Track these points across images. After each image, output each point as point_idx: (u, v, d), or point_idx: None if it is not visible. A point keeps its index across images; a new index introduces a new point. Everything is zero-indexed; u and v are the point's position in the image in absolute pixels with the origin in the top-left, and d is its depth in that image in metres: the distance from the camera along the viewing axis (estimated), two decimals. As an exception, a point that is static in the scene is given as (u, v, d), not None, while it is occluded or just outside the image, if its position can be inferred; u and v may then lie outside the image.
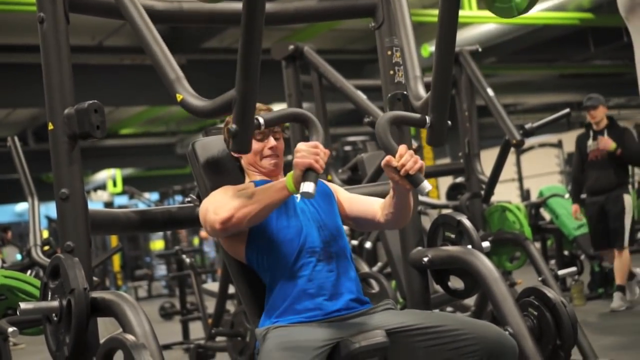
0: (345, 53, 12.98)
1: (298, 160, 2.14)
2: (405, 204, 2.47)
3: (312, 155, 2.14)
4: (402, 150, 2.29)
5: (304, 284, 2.38)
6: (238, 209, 2.25)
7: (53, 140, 2.43)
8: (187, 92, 2.33)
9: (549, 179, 13.18)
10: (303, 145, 2.16)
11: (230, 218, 2.25)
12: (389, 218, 2.52)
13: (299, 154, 2.15)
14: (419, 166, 2.28)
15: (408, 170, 2.27)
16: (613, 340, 5.07)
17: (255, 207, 2.25)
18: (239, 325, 5.07)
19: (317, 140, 2.20)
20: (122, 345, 2.01)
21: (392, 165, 2.29)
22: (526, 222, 4.82)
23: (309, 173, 2.13)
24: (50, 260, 2.38)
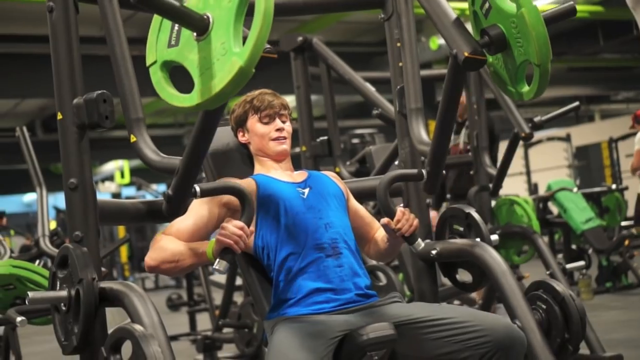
0: (353, 45, 12.96)
1: (219, 238, 2.22)
2: (396, 250, 2.73)
3: (234, 236, 2.20)
4: (399, 215, 2.52)
5: (312, 279, 2.38)
6: (163, 262, 2.36)
7: (62, 130, 2.42)
8: (143, 138, 2.37)
9: (557, 172, 13.17)
10: (229, 225, 2.21)
11: (156, 267, 2.38)
12: (376, 254, 2.76)
13: (224, 231, 2.21)
14: (413, 229, 2.55)
15: (404, 233, 2.54)
16: (621, 334, 5.06)
17: (178, 265, 2.35)
18: (246, 317, 5.07)
19: (246, 221, 2.24)
20: (131, 335, 2.01)
21: (390, 227, 2.53)
22: (534, 215, 4.80)
23: (227, 252, 2.22)
24: (59, 250, 2.38)
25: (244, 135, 2.64)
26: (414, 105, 2.88)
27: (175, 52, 1.98)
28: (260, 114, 2.59)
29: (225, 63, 1.82)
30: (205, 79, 1.86)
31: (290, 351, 2.16)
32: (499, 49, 2.32)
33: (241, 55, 1.78)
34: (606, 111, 20.25)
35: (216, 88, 1.83)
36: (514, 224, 4.79)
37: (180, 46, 1.97)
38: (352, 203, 2.69)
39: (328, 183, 2.62)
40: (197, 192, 2.25)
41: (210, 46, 1.87)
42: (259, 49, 1.78)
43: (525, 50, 2.26)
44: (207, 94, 1.86)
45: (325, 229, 2.45)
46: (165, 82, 2.01)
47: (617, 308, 6.41)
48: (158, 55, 2.02)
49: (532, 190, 12.41)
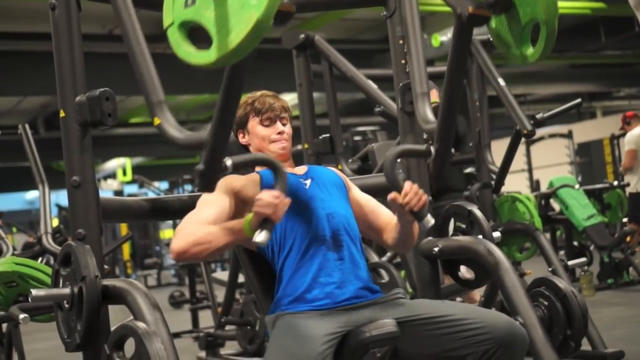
0: (355, 43, 12.96)
1: (257, 210, 2.18)
2: (410, 233, 2.54)
3: (272, 206, 2.17)
4: (407, 188, 2.37)
5: (314, 273, 2.38)
6: (193, 244, 2.24)
7: (64, 127, 2.43)
8: (166, 119, 2.35)
9: (558, 169, 13.15)
10: (265, 194, 2.19)
11: (185, 252, 2.25)
12: (395, 242, 2.59)
13: (260, 202, 2.18)
14: (422, 203, 2.37)
15: (412, 208, 2.37)
16: (622, 331, 5.06)
17: (211, 245, 2.25)
18: (248, 314, 5.07)
19: (281, 190, 2.23)
20: (134, 332, 2.02)
21: (397, 202, 2.38)
22: (536, 212, 4.80)
23: (266, 223, 2.19)
24: (62, 247, 2.39)
25: (244, 137, 2.64)
26: (420, 90, 2.85)
27: (192, 11, 1.96)
28: (262, 117, 2.59)
29: (242, 16, 1.80)
30: (222, 35, 1.84)
31: (292, 348, 2.16)
32: (504, 8, 2.32)
33: (258, 6, 1.77)
34: (608, 108, 20.24)
35: (234, 42, 1.80)
36: (516, 221, 4.79)
37: (197, 4, 1.95)
38: (354, 194, 2.66)
39: (328, 173, 2.62)
40: (228, 165, 2.23)
41: (227, 1, 1.86)
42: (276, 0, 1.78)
43: (531, 10, 2.25)
44: (225, 49, 1.83)
45: (328, 219, 2.45)
46: (182, 41, 1.98)
47: (618, 304, 6.41)
48: (175, 16, 2.00)
49: (534, 187, 12.41)
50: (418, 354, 2.34)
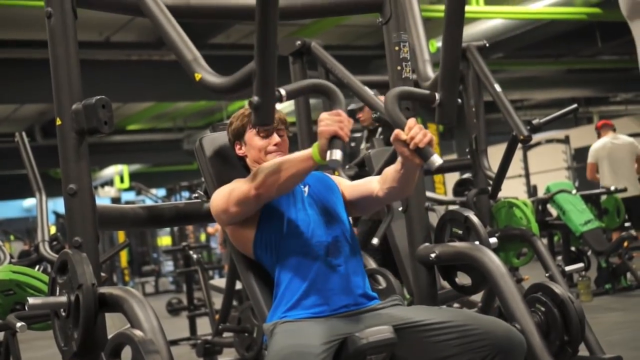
0: (351, 49, 12.97)
1: (323, 129, 2.14)
2: (412, 178, 2.44)
3: (337, 122, 2.14)
4: (411, 123, 2.26)
5: (312, 279, 2.38)
6: (269, 175, 2.27)
7: (61, 135, 2.43)
8: (206, 71, 2.34)
9: (555, 175, 13.17)
10: (326, 114, 2.16)
11: (264, 183, 2.28)
12: (391, 191, 2.48)
13: (323, 122, 2.14)
14: (428, 139, 2.23)
15: (417, 143, 2.23)
16: (620, 336, 5.06)
17: (283, 174, 2.26)
18: (246, 321, 5.07)
19: (340, 109, 2.20)
20: (130, 340, 2.01)
21: (401, 139, 2.26)
22: (533, 218, 4.80)
23: (335, 141, 2.13)
24: (59, 255, 2.39)
25: (241, 148, 2.65)
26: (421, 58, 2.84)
27: None
28: (258, 128, 2.60)
29: None
30: None
31: (290, 356, 2.15)
32: None
33: None
34: (605, 113, 20.25)
35: None
36: (513, 227, 4.79)
37: None
38: (345, 185, 2.66)
39: (323, 179, 2.63)
40: (282, 94, 2.21)
41: None
42: None
43: None
44: None
45: (326, 226, 2.45)
46: None
47: (616, 310, 6.41)
48: None
49: (531, 193, 12.42)
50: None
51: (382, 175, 2.51)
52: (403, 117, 2.33)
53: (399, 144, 2.27)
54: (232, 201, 2.39)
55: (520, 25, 10.68)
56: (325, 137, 2.14)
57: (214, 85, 2.32)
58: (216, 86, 2.32)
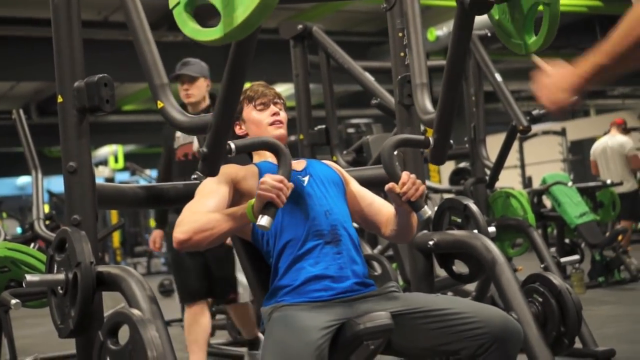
0: (350, 35, 12.93)
1: (260, 193, 2.20)
2: (408, 223, 2.53)
3: (275, 190, 2.19)
4: (405, 178, 2.39)
5: (310, 267, 2.38)
6: (196, 232, 2.27)
7: (62, 113, 2.42)
8: (169, 102, 2.34)
9: (551, 166, 13.18)
10: (269, 178, 2.20)
11: (188, 240, 2.28)
12: (394, 234, 2.59)
13: (264, 186, 2.19)
14: (419, 193, 2.39)
15: (409, 197, 2.38)
16: (613, 329, 5.08)
17: (213, 232, 2.28)
18: (239, 304, 5.06)
19: (284, 174, 2.24)
20: (128, 319, 2.01)
21: (394, 192, 2.39)
22: (530, 208, 4.81)
23: (269, 207, 2.19)
24: (57, 233, 2.38)
25: (241, 128, 2.64)
26: (419, 81, 2.85)
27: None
28: (255, 102, 2.61)
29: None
30: (229, 11, 1.82)
31: (288, 340, 2.15)
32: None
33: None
34: (601, 106, 20.29)
35: (240, 18, 1.78)
36: (510, 217, 4.80)
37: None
38: (352, 187, 2.66)
39: (327, 171, 2.62)
40: (232, 148, 2.23)
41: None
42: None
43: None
44: (231, 24, 1.81)
45: (326, 216, 2.45)
46: (188, 19, 1.96)
47: (609, 303, 6.43)
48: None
49: (526, 184, 12.43)
50: (412, 347, 2.34)
51: (391, 213, 2.58)
52: (399, 170, 2.43)
53: (392, 195, 2.41)
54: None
55: (521, 16, 10.65)
56: (261, 202, 2.20)
57: (173, 119, 2.35)
58: (174, 121, 2.35)
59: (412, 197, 2.38)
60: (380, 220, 2.63)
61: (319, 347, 2.13)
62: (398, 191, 2.38)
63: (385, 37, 3.10)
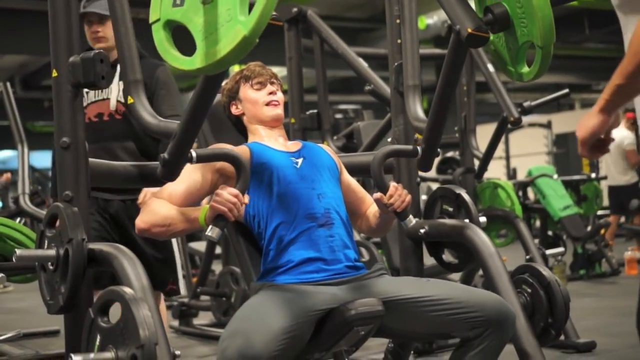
0: (340, 20, 12.90)
1: (213, 205, 2.21)
2: (388, 225, 2.67)
3: (228, 203, 2.20)
4: (392, 191, 2.48)
5: (303, 249, 2.37)
6: (154, 225, 2.36)
7: (56, 87, 2.39)
8: (140, 100, 2.34)
9: (535, 159, 13.24)
10: (224, 191, 2.21)
11: (147, 230, 2.38)
12: (367, 229, 2.71)
13: (217, 198, 2.21)
14: (406, 204, 2.50)
15: (396, 209, 2.49)
16: (593, 322, 5.11)
17: (169, 229, 2.35)
18: (224, 286, 5.07)
19: (241, 189, 2.24)
20: (120, 297, 1.99)
21: (382, 202, 2.49)
22: (517, 200, 4.83)
23: (220, 219, 2.22)
24: (49, 208, 2.36)
25: (237, 107, 2.64)
26: (412, 82, 2.88)
27: (180, 12, 1.96)
28: (252, 82, 2.62)
29: (229, 30, 1.80)
30: (208, 44, 1.84)
31: (265, 309, 2.15)
32: (502, 27, 2.32)
33: (246, 24, 1.76)
34: (587, 100, 20.37)
35: (219, 54, 1.81)
36: (496, 207, 4.82)
37: (186, 7, 1.94)
38: (345, 177, 2.68)
39: (322, 154, 2.61)
40: (193, 157, 2.23)
41: (216, 11, 1.85)
42: (265, 20, 1.76)
43: (528, 31, 2.26)
44: (209, 59, 1.84)
45: (318, 199, 2.45)
46: (167, 42, 1.99)
47: (590, 295, 6.47)
48: (162, 14, 1.99)
49: (511, 175, 12.48)
50: (405, 330, 2.35)
51: (372, 209, 2.67)
52: (386, 182, 2.51)
53: (380, 204, 2.51)
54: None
55: (511, 7, 10.66)
56: (213, 213, 2.23)
57: (141, 118, 2.37)
58: (142, 120, 2.39)
59: (398, 208, 2.49)
60: (360, 213, 2.72)
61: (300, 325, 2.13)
62: (385, 202, 2.48)
63: (375, 23, 3.10)
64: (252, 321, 2.11)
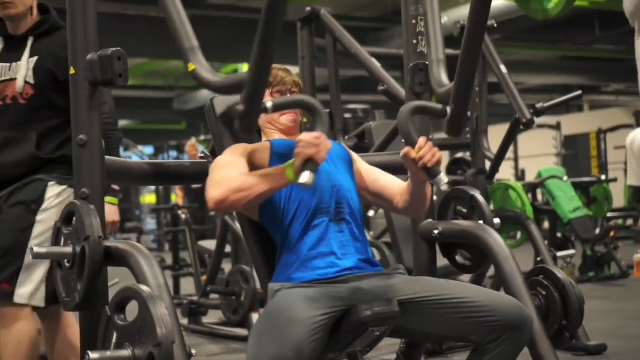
0: (349, 19, 12.88)
1: (299, 151, 2.16)
2: (423, 194, 2.47)
3: (314, 147, 2.16)
4: (422, 143, 2.31)
5: (316, 243, 2.37)
6: (234, 191, 2.24)
7: (74, 85, 2.40)
8: (201, 64, 2.33)
9: (544, 160, 13.21)
10: (306, 135, 2.18)
11: (225, 200, 2.24)
12: (407, 205, 2.52)
13: (302, 144, 2.16)
14: (436, 159, 2.31)
15: (426, 163, 2.30)
16: (603, 324, 5.11)
17: (251, 192, 2.24)
18: (234, 285, 5.08)
19: (322, 131, 2.21)
20: (138, 295, 2.00)
21: (410, 157, 2.32)
22: (528, 201, 4.83)
23: (309, 164, 2.16)
24: (66, 205, 2.37)
25: None
26: (436, 57, 2.85)
27: None
28: (273, 89, 2.58)
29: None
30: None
31: (287, 311, 2.13)
32: None
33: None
34: (595, 102, 20.32)
35: None
36: (508, 209, 4.81)
37: None
38: (363, 167, 2.64)
39: (336, 147, 2.61)
40: (268, 106, 2.21)
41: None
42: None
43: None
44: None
45: (333, 191, 2.43)
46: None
47: (599, 298, 6.46)
48: None
49: (519, 177, 12.46)
50: (421, 332, 2.33)
51: (405, 185, 2.53)
52: (414, 135, 2.36)
53: (408, 161, 2.34)
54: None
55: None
56: (301, 159, 2.17)
57: (206, 80, 2.32)
58: (208, 82, 2.33)
59: (429, 163, 2.30)
60: (390, 194, 2.58)
61: (314, 325, 2.09)
62: (414, 156, 2.31)
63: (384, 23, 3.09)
64: (280, 325, 2.08)
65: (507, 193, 4.86)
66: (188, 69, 2.34)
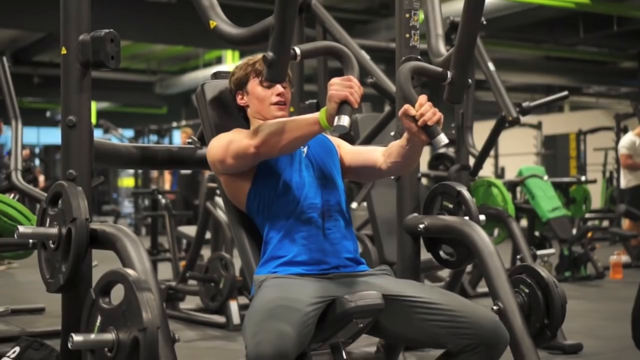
0: (336, 11, 12.86)
1: (333, 93, 2.10)
2: (416, 155, 2.42)
3: (347, 88, 2.10)
4: (423, 100, 2.22)
5: (302, 240, 2.37)
6: (272, 135, 2.23)
7: (65, 65, 2.39)
8: (221, 19, 2.31)
9: (524, 159, 13.28)
10: (338, 79, 2.13)
11: (265, 142, 2.24)
12: (392, 167, 2.47)
13: (334, 87, 2.11)
14: (437, 117, 2.21)
15: (427, 121, 2.20)
16: (578, 324, 5.13)
17: (286, 136, 2.22)
18: (213, 271, 5.06)
19: (352, 75, 2.18)
20: (124, 279, 1.99)
21: (410, 115, 2.23)
22: (510, 199, 4.85)
23: (344, 106, 2.09)
24: (52, 186, 2.35)
25: (243, 98, 2.60)
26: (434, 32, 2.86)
27: None
28: (262, 78, 2.55)
29: None
30: None
31: (278, 301, 2.12)
32: None
33: None
34: (576, 103, 20.44)
35: None
36: (490, 206, 4.83)
37: None
38: (346, 149, 2.62)
39: (324, 142, 2.59)
40: (296, 53, 2.19)
41: None
42: None
43: None
44: None
45: (320, 188, 2.43)
46: None
47: (575, 298, 6.50)
48: None
49: (499, 175, 12.51)
50: (399, 333, 2.32)
51: (387, 148, 2.50)
52: (414, 92, 2.31)
53: (407, 119, 2.24)
54: (231, 153, 2.35)
55: (508, 7, 10.69)
56: (335, 102, 2.10)
57: (229, 35, 2.30)
58: (231, 36, 2.30)
59: (429, 121, 2.20)
60: (372, 159, 2.53)
61: (308, 317, 2.11)
62: (414, 113, 2.21)
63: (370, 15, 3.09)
64: (275, 312, 2.06)
65: (490, 190, 4.88)
66: (210, 27, 2.31)
